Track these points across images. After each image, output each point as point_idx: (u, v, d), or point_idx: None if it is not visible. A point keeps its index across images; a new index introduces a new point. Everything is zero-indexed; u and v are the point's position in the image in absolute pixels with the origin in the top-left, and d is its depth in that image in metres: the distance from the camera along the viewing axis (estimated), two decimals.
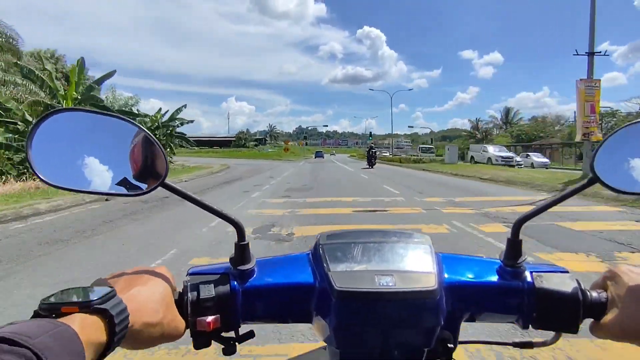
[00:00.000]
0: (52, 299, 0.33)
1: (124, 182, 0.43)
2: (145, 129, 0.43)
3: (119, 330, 0.33)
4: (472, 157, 27.84)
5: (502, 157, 24.83)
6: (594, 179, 0.44)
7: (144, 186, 0.44)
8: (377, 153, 28.53)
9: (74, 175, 0.41)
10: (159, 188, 0.44)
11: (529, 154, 27.04)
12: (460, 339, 0.47)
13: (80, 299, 0.33)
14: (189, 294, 0.42)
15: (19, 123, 12.95)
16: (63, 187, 0.41)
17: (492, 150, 26.58)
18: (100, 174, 0.42)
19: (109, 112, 0.43)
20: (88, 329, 0.30)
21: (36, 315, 0.32)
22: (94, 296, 0.33)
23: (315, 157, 54.93)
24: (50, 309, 0.32)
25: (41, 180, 0.40)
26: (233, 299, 0.44)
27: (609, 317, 0.41)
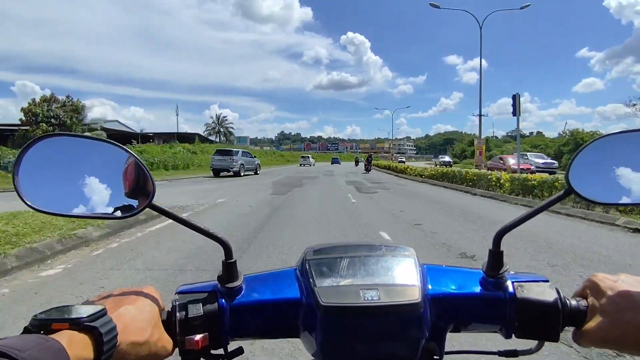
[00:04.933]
0: (43, 316, 0.33)
1: (111, 206, 0.44)
2: (134, 154, 0.44)
3: (107, 350, 0.33)
4: None
5: None
6: (569, 190, 0.45)
7: (132, 208, 0.45)
8: None
9: (61, 200, 0.42)
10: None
11: None
12: (446, 349, 0.47)
13: (70, 316, 0.33)
14: (178, 313, 0.43)
15: None
16: (49, 212, 0.42)
17: None
18: (87, 198, 0.42)
19: (97, 137, 0.44)
20: (76, 345, 0.31)
21: (26, 331, 0.33)
22: (84, 314, 0.33)
23: (332, 164, 51.84)
24: (41, 325, 0.33)
25: (27, 205, 0.41)
26: (221, 316, 0.44)
27: (589, 325, 0.42)
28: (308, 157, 49.02)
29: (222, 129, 67.38)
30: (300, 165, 44.15)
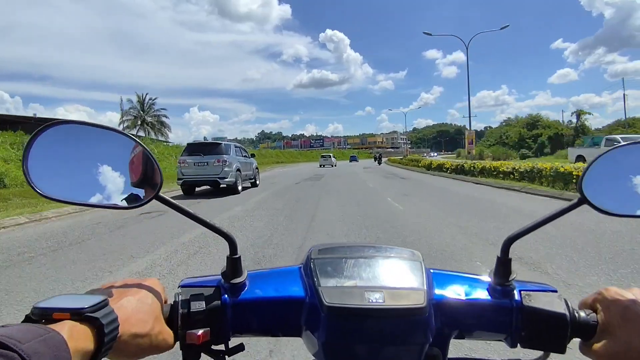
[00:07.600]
0: (45, 304, 0.33)
1: (120, 195, 0.43)
2: (142, 143, 0.44)
3: (107, 341, 0.33)
4: None
5: None
6: (582, 200, 0.44)
7: (139, 199, 0.44)
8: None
9: (71, 187, 0.42)
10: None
11: None
12: (449, 355, 0.47)
13: (72, 306, 0.33)
14: (180, 307, 0.43)
15: None
16: (60, 200, 0.42)
17: None
18: (97, 187, 0.42)
19: (106, 126, 0.43)
20: (77, 336, 0.31)
21: (27, 319, 0.33)
22: (86, 304, 0.33)
23: (350, 161, 48.08)
24: (42, 314, 0.32)
25: (37, 193, 0.40)
26: (223, 312, 0.44)
27: (597, 340, 0.41)
28: (329, 156, 37.61)
29: (149, 119, 41.47)
30: (320, 166, 34.91)
